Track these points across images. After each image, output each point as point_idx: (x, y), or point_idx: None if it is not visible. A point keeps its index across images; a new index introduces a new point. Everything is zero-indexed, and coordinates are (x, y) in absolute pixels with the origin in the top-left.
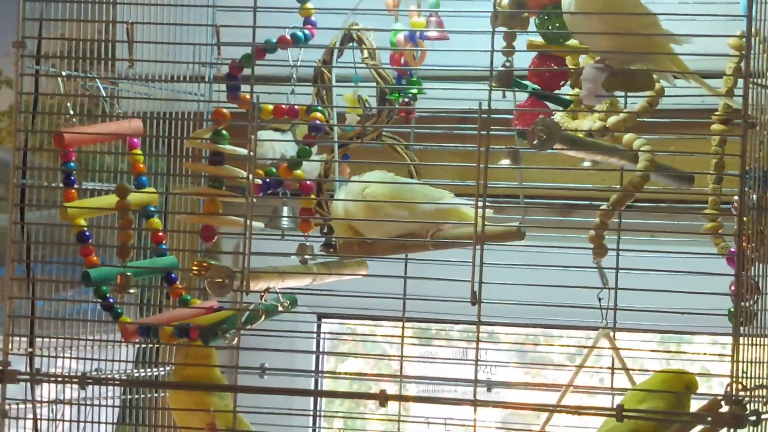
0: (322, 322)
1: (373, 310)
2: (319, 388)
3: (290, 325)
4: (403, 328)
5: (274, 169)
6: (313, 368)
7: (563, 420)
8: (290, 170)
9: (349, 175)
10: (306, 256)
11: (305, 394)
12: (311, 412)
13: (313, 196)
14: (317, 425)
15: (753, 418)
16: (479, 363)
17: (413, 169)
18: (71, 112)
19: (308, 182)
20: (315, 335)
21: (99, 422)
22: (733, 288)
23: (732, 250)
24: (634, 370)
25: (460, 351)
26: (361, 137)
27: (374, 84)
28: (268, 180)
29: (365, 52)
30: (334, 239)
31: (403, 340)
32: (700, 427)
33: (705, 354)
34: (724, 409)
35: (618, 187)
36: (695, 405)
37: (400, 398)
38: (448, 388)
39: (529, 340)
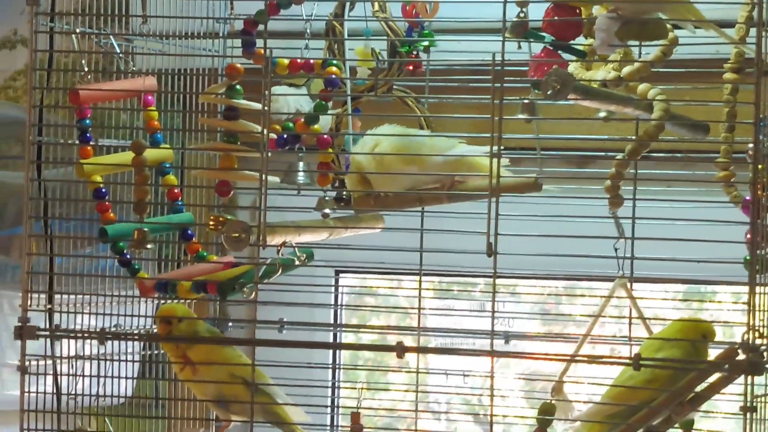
0: (340, 277)
1: (390, 265)
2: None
3: (308, 280)
4: (420, 281)
5: (291, 124)
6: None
7: (580, 370)
8: (307, 125)
9: (360, 128)
10: (326, 210)
11: (324, 347)
12: (330, 366)
13: (330, 150)
14: (337, 379)
15: None
16: (495, 315)
17: (424, 121)
18: (86, 70)
19: (325, 136)
20: (333, 289)
21: (119, 377)
22: (748, 236)
23: (747, 198)
24: (650, 319)
25: (478, 305)
26: (372, 90)
27: (386, 37)
28: (285, 135)
29: (376, 5)
30: (345, 193)
31: (420, 294)
32: (717, 375)
33: (721, 303)
34: (741, 357)
35: (633, 137)
36: (712, 354)
37: (418, 350)
38: (467, 342)
39: (546, 294)
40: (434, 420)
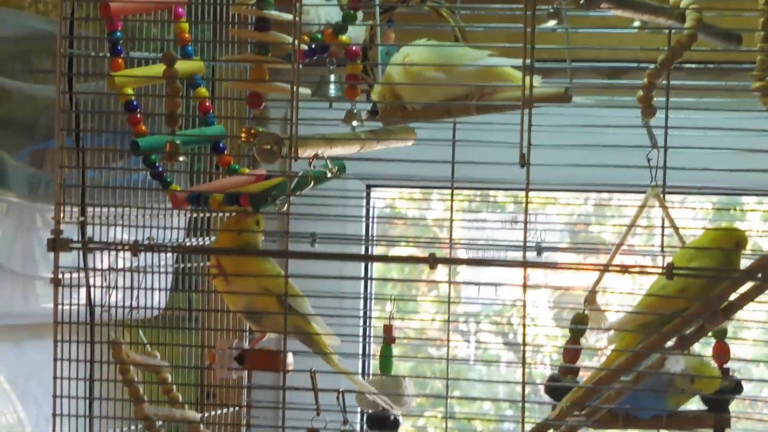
0: (371, 191)
1: (421, 180)
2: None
3: (339, 194)
4: (452, 192)
5: (319, 35)
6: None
7: (613, 281)
8: (335, 35)
9: (394, 41)
10: (354, 123)
11: (355, 259)
12: (362, 278)
13: (359, 62)
14: (369, 292)
15: None
16: (528, 227)
17: (458, 32)
18: None
19: (354, 48)
20: (364, 203)
21: (152, 289)
22: None
23: None
24: (683, 228)
25: (510, 219)
26: (405, 1)
27: None
28: (314, 46)
29: None
30: (379, 105)
31: (452, 205)
32: (750, 284)
33: (753, 211)
34: None
35: (665, 48)
36: (745, 264)
37: (450, 261)
38: (499, 256)
39: (580, 209)
40: (463, 342)
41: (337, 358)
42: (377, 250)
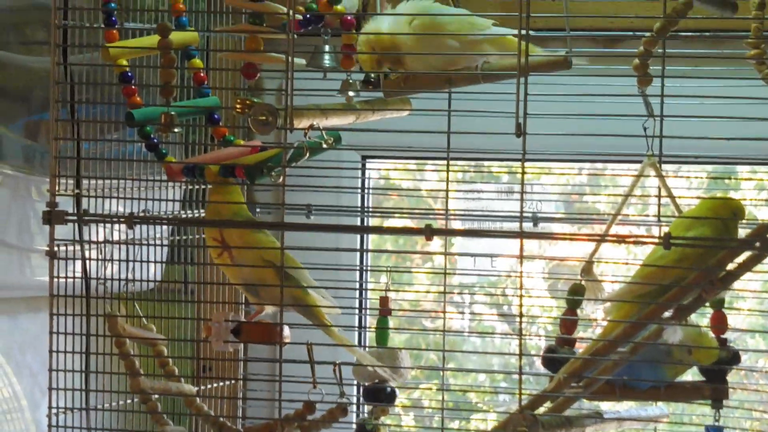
0: (366, 162)
1: (417, 151)
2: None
3: (335, 165)
4: (447, 162)
5: (314, 5)
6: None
7: (610, 252)
8: (330, 5)
9: (388, 10)
10: (350, 93)
11: (351, 231)
12: (358, 249)
13: (354, 32)
14: (365, 263)
15: None
16: (525, 196)
17: (452, 1)
18: None
19: (349, 17)
20: (360, 174)
21: (148, 262)
22: None
23: None
24: (680, 197)
25: (506, 190)
26: None
27: None
28: (309, 16)
29: None
30: (374, 76)
31: (448, 176)
32: (747, 253)
33: (748, 180)
34: None
35: (661, 16)
36: (742, 234)
37: (446, 232)
38: (495, 227)
39: (575, 179)
40: (458, 314)
41: (337, 330)
42: (372, 222)
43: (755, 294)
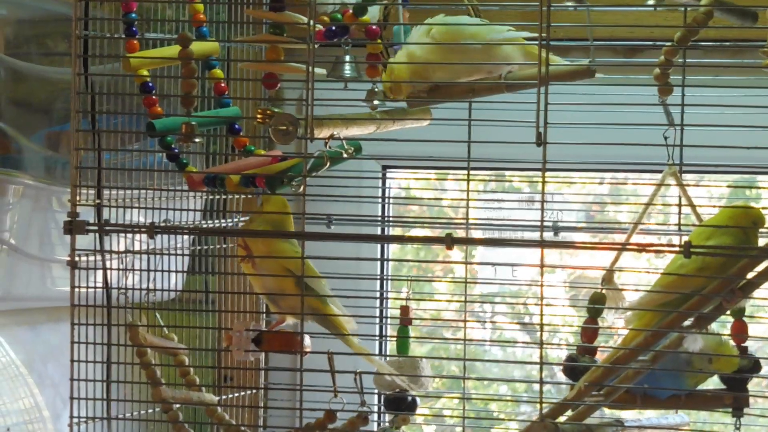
0: (387, 172)
1: (437, 160)
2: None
3: (355, 174)
4: (468, 172)
5: (339, 15)
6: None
7: (631, 261)
8: (355, 16)
9: (408, 20)
10: (375, 102)
11: (372, 240)
12: (379, 259)
13: (379, 41)
14: (385, 272)
15: None
16: (545, 205)
17: (472, 11)
18: None
19: (374, 27)
20: (380, 183)
21: (169, 271)
22: None
23: None
24: (701, 206)
25: (527, 199)
26: None
27: None
28: (334, 27)
29: None
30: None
31: (468, 185)
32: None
33: None
34: None
35: (681, 25)
36: (762, 242)
37: (467, 241)
38: (515, 236)
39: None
40: (479, 324)
41: (356, 340)
42: (393, 233)
43: None
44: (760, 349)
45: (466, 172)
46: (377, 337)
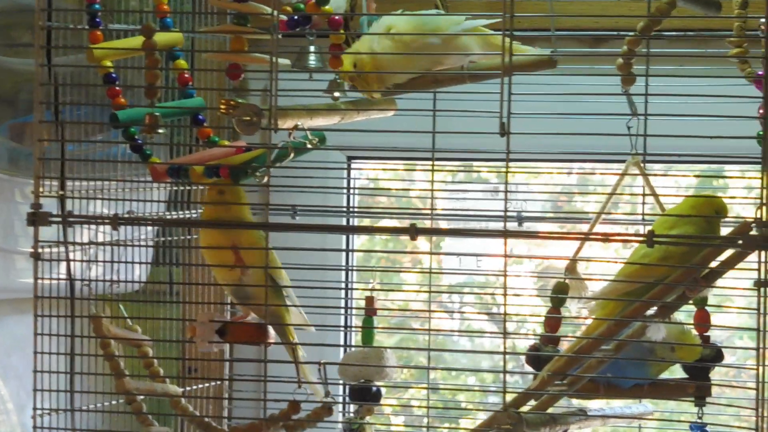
0: (352, 163)
1: (402, 151)
2: None
3: (320, 165)
4: (432, 162)
5: (302, 5)
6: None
7: (594, 251)
8: (318, 6)
9: (375, 10)
10: (337, 93)
11: (336, 231)
12: (344, 249)
13: (342, 32)
14: (350, 262)
15: None
16: (510, 195)
17: (439, 2)
18: None
19: (336, 17)
20: (345, 174)
21: (132, 263)
22: (761, 111)
23: (759, 73)
24: (667, 196)
25: (491, 190)
26: None
27: None
28: (296, 17)
29: None
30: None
31: (433, 176)
32: (730, 251)
33: (734, 178)
34: (754, 233)
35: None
36: (724, 232)
37: (430, 231)
38: (480, 227)
39: (560, 179)
40: (446, 315)
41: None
42: (359, 224)
43: (741, 293)
44: (727, 339)
45: (431, 162)
46: (342, 328)
